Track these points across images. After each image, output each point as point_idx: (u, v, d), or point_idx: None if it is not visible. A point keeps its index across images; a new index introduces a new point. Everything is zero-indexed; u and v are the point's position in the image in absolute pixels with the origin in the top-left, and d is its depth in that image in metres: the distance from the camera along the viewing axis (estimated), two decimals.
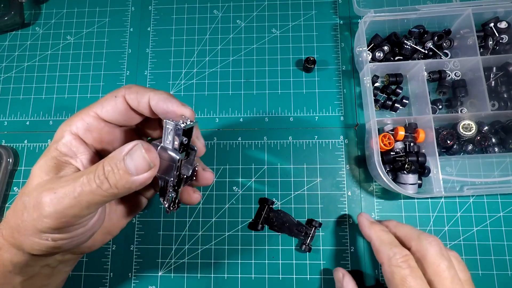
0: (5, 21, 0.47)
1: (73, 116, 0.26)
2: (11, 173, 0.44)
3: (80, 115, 0.26)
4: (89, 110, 0.26)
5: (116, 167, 0.23)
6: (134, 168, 0.23)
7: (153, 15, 0.49)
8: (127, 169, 0.23)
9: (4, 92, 0.47)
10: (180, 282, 0.40)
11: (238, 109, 0.45)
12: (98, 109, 0.26)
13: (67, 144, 0.25)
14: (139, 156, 0.23)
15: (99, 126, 0.26)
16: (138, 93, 0.26)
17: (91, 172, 0.23)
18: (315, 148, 0.43)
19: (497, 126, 0.41)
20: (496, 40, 0.42)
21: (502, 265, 0.39)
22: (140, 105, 0.26)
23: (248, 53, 0.47)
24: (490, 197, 0.41)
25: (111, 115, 0.26)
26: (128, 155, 0.23)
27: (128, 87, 0.26)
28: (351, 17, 0.47)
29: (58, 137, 0.26)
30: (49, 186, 0.23)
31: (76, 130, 0.26)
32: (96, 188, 0.22)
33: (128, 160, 0.23)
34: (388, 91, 0.44)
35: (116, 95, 0.26)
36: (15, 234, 0.24)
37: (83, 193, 0.22)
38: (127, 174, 0.23)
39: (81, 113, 0.26)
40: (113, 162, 0.23)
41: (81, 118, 0.26)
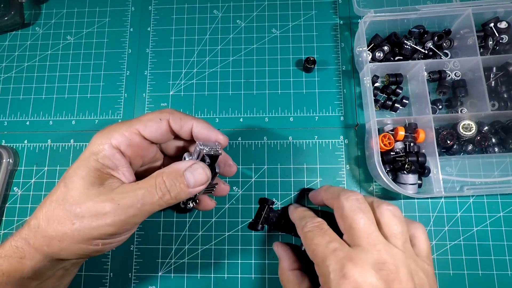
0: (5, 21, 0.47)
1: (111, 130, 0.28)
2: (11, 173, 0.44)
3: (120, 130, 0.28)
4: (131, 126, 0.28)
5: (177, 181, 0.26)
6: (193, 182, 0.27)
7: (153, 15, 0.49)
8: (187, 182, 0.27)
9: (4, 92, 0.47)
10: (180, 282, 0.40)
11: (238, 109, 0.45)
12: (141, 128, 0.29)
13: (110, 157, 0.28)
14: (201, 173, 0.28)
15: (139, 142, 0.29)
16: (182, 120, 0.30)
17: (151, 186, 0.26)
18: (315, 148, 0.43)
19: (497, 126, 0.41)
20: (496, 40, 0.42)
21: (502, 265, 0.39)
22: (182, 130, 0.30)
23: (248, 53, 0.47)
24: (490, 197, 0.41)
25: (153, 135, 0.29)
26: (188, 171, 0.27)
27: (172, 112, 0.30)
28: (351, 17, 0.47)
29: (97, 149, 0.28)
30: (108, 197, 0.25)
31: (117, 144, 0.28)
32: (158, 199, 0.26)
33: (188, 175, 0.27)
34: (388, 91, 0.44)
35: (161, 117, 0.29)
36: (53, 242, 0.25)
37: (145, 204, 0.26)
38: (186, 186, 0.27)
39: (121, 128, 0.28)
40: (173, 176, 0.27)
41: (122, 133, 0.28)
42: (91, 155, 0.27)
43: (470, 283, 0.38)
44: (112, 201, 0.25)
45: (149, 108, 0.45)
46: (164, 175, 0.26)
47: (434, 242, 0.40)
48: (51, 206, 0.26)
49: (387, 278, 0.23)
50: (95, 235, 0.25)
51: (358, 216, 0.26)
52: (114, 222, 0.25)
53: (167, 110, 0.30)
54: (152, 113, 0.30)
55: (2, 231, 0.42)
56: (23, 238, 0.26)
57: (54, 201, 0.26)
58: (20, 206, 0.43)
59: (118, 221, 0.25)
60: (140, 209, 0.26)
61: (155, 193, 0.26)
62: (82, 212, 0.25)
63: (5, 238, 0.42)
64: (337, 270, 0.24)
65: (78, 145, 0.45)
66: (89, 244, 0.26)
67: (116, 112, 0.46)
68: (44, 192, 0.43)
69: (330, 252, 0.25)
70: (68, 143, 0.45)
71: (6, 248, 0.26)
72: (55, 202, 0.26)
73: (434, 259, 0.39)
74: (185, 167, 0.27)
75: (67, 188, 0.26)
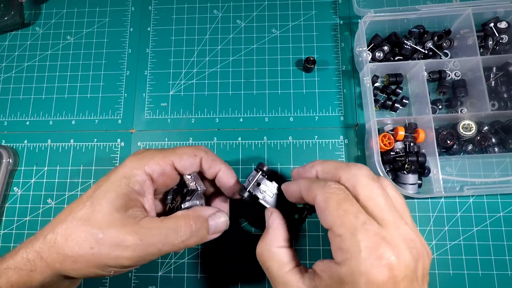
0: (5, 21, 0.47)
1: (146, 156, 0.29)
2: (11, 173, 0.44)
3: (156, 158, 0.29)
4: (166, 157, 0.29)
5: (202, 227, 0.27)
6: (213, 229, 0.28)
7: (153, 15, 0.49)
8: (208, 229, 0.28)
9: (4, 92, 0.47)
10: (180, 282, 0.40)
11: (238, 109, 0.45)
12: (176, 160, 0.30)
13: (141, 183, 0.28)
14: (223, 222, 0.29)
15: (170, 173, 0.30)
16: (214, 162, 0.31)
17: (178, 227, 0.26)
18: (315, 148, 0.43)
19: (497, 126, 0.41)
20: (496, 40, 0.42)
21: (502, 265, 0.39)
22: (210, 170, 0.31)
23: (248, 53, 0.47)
24: (490, 197, 0.41)
25: (185, 169, 0.30)
26: (211, 219, 0.28)
27: (206, 151, 0.31)
28: (351, 17, 0.47)
29: (130, 173, 0.28)
30: (132, 229, 0.25)
31: (150, 171, 0.28)
32: (180, 242, 0.26)
33: (212, 222, 0.28)
34: (388, 91, 0.44)
35: (196, 154, 0.30)
36: (67, 261, 0.25)
37: (167, 244, 0.26)
38: (207, 233, 0.28)
39: (157, 156, 0.29)
40: (199, 222, 0.27)
41: (157, 162, 0.29)
42: (122, 178, 0.27)
43: (470, 283, 0.38)
44: (136, 235, 0.25)
45: (149, 108, 0.45)
46: (191, 219, 0.27)
47: (434, 242, 0.40)
48: (73, 223, 0.25)
49: (417, 257, 0.21)
50: (111, 264, 0.25)
51: (379, 191, 0.23)
52: (132, 257, 0.25)
53: (202, 148, 0.31)
54: (188, 148, 0.31)
55: (2, 231, 0.42)
56: (36, 250, 0.25)
57: (76, 219, 0.26)
58: (20, 206, 0.43)
59: (136, 257, 0.25)
60: (160, 249, 0.26)
61: (178, 236, 0.26)
62: (104, 238, 0.25)
63: (5, 238, 0.42)
64: (370, 249, 0.20)
65: (78, 145, 0.45)
66: (101, 270, 0.26)
67: (116, 112, 0.46)
68: (44, 192, 0.43)
69: (361, 224, 0.21)
70: (68, 143, 0.45)
71: (17, 260, 0.25)
72: (77, 220, 0.26)
73: (434, 259, 0.39)
74: (208, 213, 0.28)
75: (93, 210, 0.26)
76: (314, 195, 0.24)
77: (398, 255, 0.20)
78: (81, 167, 0.44)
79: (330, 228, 0.23)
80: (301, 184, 0.27)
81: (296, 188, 0.27)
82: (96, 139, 0.45)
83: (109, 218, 0.25)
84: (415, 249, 0.21)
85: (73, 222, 0.25)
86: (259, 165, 0.32)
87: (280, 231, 0.28)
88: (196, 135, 0.44)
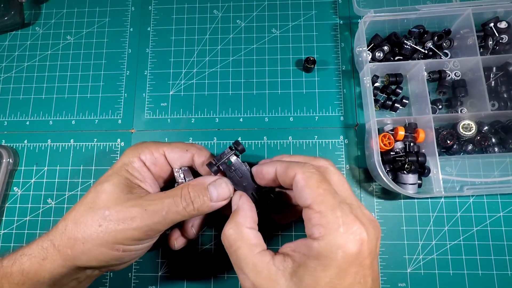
0: (5, 21, 0.47)
1: (142, 146, 0.32)
2: (11, 173, 0.44)
3: (149, 148, 0.31)
4: (159, 147, 0.31)
5: (201, 194, 0.28)
6: (216, 196, 0.28)
7: (153, 15, 0.49)
8: (210, 196, 0.28)
9: (4, 92, 0.47)
10: (180, 282, 0.40)
11: (238, 109, 0.45)
12: (167, 151, 0.32)
13: (138, 169, 0.31)
14: (224, 188, 0.29)
15: (162, 163, 0.32)
16: (207, 159, 0.32)
17: (177, 196, 0.28)
18: (315, 148, 0.43)
19: (497, 126, 0.41)
20: (496, 40, 0.42)
21: (502, 265, 0.39)
22: (203, 167, 0.32)
23: (248, 53, 0.47)
24: (490, 197, 0.41)
25: (175, 160, 0.32)
26: (212, 185, 0.29)
27: (200, 149, 0.33)
28: (351, 17, 0.47)
29: (128, 160, 0.30)
30: (136, 203, 0.27)
31: (144, 159, 0.31)
32: (182, 209, 0.27)
33: (212, 189, 0.29)
34: (388, 91, 0.44)
35: (188, 149, 0.32)
36: (77, 244, 0.26)
37: (170, 212, 0.27)
38: (209, 200, 0.28)
39: (151, 147, 0.31)
40: (197, 189, 0.28)
41: (151, 151, 0.31)
42: (123, 166, 0.30)
43: (470, 283, 0.38)
44: (140, 206, 0.27)
45: (149, 108, 0.45)
46: (189, 187, 0.28)
47: (434, 242, 0.40)
48: (80, 209, 0.27)
49: (377, 236, 0.24)
50: (119, 238, 0.26)
51: (345, 179, 0.28)
52: (139, 227, 0.26)
53: (196, 146, 0.33)
54: (182, 143, 0.33)
55: (2, 231, 0.42)
56: (49, 239, 0.27)
57: (83, 204, 0.28)
58: (20, 206, 0.43)
59: (143, 226, 0.26)
60: (164, 217, 0.27)
61: (179, 203, 0.27)
62: (110, 214, 0.26)
63: (5, 238, 0.42)
64: (347, 225, 0.22)
65: (78, 145, 0.45)
66: (110, 249, 0.26)
67: (116, 112, 0.46)
68: (44, 192, 0.43)
69: (338, 203, 0.23)
70: (68, 143, 0.45)
71: (33, 248, 0.27)
72: (84, 205, 0.28)
73: (434, 258, 0.39)
74: (209, 181, 0.29)
75: (97, 193, 0.28)
76: (293, 174, 0.25)
77: (367, 233, 0.23)
78: (81, 167, 0.44)
79: (309, 205, 0.24)
80: (277, 164, 0.28)
81: (271, 169, 0.28)
82: (96, 139, 0.45)
83: (113, 197, 0.27)
84: (376, 228, 0.24)
85: (81, 207, 0.27)
86: (235, 143, 0.31)
87: (250, 213, 0.28)
88: (196, 135, 0.44)
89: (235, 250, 0.25)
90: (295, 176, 0.25)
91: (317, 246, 0.22)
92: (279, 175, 0.27)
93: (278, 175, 0.27)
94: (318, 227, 0.23)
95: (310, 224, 0.23)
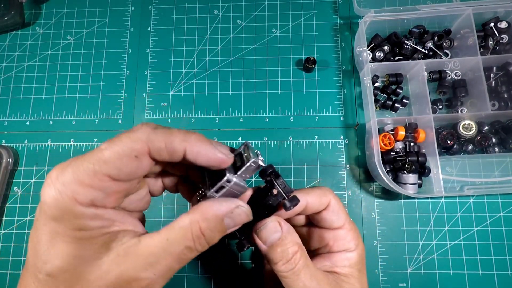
0: (5, 21, 0.47)
1: (67, 182, 0.19)
2: (11, 173, 0.44)
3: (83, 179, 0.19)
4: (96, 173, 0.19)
5: (216, 230, 0.22)
6: (232, 227, 0.23)
7: (153, 15, 0.49)
8: (226, 228, 0.22)
9: (4, 92, 0.47)
10: (180, 282, 0.40)
11: (238, 109, 0.45)
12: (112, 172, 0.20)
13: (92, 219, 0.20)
14: (243, 218, 0.23)
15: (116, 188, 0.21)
16: (168, 141, 0.21)
17: (188, 240, 0.21)
18: (315, 148, 0.43)
19: (497, 126, 0.41)
20: (496, 40, 0.42)
21: (502, 265, 0.39)
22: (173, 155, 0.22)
23: (248, 53, 0.46)
24: (490, 197, 0.41)
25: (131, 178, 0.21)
26: (228, 217, 0.22)
27: (149, 135, 0.20)
28: (351, 17, 0.47)
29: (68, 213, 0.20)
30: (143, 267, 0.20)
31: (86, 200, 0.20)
32: (195, 253, 0.22)
33: (229, 221, 0.22)
34: (388, 91, 0.44)
35: (137, 154, 0.20)
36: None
37: (182, 262, 0.21)
38: (224, 232, 0.22)
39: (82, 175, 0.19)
40: (212, 226, 0.21)
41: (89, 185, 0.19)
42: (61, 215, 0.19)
43: (470, 283, 0.38)
44: (146, 272, 0.20)
45: (149, 108, 0.45)
46: (201, 223, 0.21)
47: (434, 242, 0.40)
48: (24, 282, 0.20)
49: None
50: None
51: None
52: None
53: (140, 136, 0.20)
54: (121, 144, 0.19)
55: (2, 231, 0.42)
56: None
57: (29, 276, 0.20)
58: (20, 206, 0.43)
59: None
60: (173, 269, 0.21)
61: (194, 249, 0.21)
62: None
63: (5, 238, 0.42)
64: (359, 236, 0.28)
65: (78, 145, 0.44)
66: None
67: (116, 112, 0.45)
68: None
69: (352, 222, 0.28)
70: (68, 143, 0.45)
71: None
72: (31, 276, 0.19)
73: (435, 258, 0.39)
74: (224, 211, 0.22)
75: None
76: (328, 201, 0.27)
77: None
78: None
79: (341, 225, 0.27)
80: (308, 197, 0.26)
81: (303, 202, 0.26)
82: (96, 139, 0.45)
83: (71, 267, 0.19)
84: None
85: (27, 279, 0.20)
86: (269, 167, 0.25)
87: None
88: None
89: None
90: (330, 202, 0.27)
91: (359, 253, 0.27)
92: (311, 205, 0.26)
93: (310, 206, 0.26)
94: (355, 240, 0.27)
95: (345, 240, 0.27)
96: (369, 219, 0.41)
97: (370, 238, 0.40)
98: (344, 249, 0.27)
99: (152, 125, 0.21)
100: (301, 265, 0.24)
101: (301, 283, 0.24)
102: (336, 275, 0.27)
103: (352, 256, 0.27)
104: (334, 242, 0.27)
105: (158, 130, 0.20)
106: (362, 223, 0.41)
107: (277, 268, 0.24)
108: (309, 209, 0.27)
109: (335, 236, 0.27)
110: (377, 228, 0.40)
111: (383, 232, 0.40)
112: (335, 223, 0.27)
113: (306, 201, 0.26)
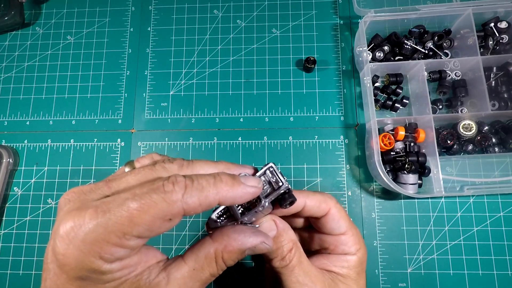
0: (5, 21, 0.47)
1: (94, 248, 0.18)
2: (11, 173, 0.44)
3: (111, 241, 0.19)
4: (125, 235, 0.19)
5: (235, 258, 0.22)
6: (252, 254, 0.23)
7: (153, 15, 0.49)
8: (245, 255, 0.23)
9: (4, 92, 0.47)
10: None
11: (238, 109, 0.45)
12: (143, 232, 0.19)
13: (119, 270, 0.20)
14: (262, 251, 0.23)
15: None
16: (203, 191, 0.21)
17: (213, 269, 0.22)
18: (315, 148, 0.43)
19: (497, 126, 0.41)
20: (496, 40, 0.42)
21: (502, 265, 0.39)
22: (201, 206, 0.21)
23: (248, 53, 0.46)
24: (490, 197, 0.41)
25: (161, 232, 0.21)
26: (250, 250, 0.22)
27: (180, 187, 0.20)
28: (351, 17, 0.47)
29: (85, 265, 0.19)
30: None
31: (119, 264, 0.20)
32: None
33: (249, 252, 0.23)
34: (388, 91, 0.44)
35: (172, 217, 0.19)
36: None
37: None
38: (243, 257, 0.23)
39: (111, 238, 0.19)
40: (234, 257, 0.22)
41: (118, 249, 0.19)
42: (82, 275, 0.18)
43: (470, 283, 0.38)
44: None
45: (149, 108, 0.45)
46: (224, 254, 0.21)
47: (434, 242, 0.40)
48: None
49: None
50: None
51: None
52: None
53: (175, 199, 0.18)
54: (156, 208, 0.18)
55: (2, 231, 0.42)
56: None
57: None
58: (20, 206, 0.43)
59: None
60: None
61: (216, 273, 0.22)
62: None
63: (5, 238, 0.42)
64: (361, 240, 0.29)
65: (78, 145, 0.44)
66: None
67: (116, 112, 0.46)
68: (44, 192, 0.43)
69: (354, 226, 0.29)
70: (68, 143, 0.45)
71: None
72: None
73: (435, 258, 0.39)
74: (248, 247, 0.22)
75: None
76: (328, 208, 0.27)
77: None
78: (81, 167, 0.44)
79: (344, 232, 0.27)
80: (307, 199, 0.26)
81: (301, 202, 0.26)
82: (96, 139, 0.45)
83: None
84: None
85: None
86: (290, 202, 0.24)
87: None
88: (196, 135, 0.44)
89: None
90: (330, 210, 0.27)
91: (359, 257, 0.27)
92: (309, 208, 0.26)
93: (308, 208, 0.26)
94: (356, 245, 0.27)
95: (346, 246, 0.27)
96: (369, 219, 0.41)
97: (370, 238, 0.40)
98: (345, 253, 0.27)
99: (181, 180, 0.19)
100: (295, 261, 0.25)
101: (294, 278, 0.25)
102: (334, 274, 0.27)
103: (351, 259, 0.27)
104: (334, 247, 0.28)
105: (192, 189, 0.19)
106: (362, 223, 0.41)
107: (272, 264, 0.25)
108: (307, 212, 0.26)
109: (336, 241, 0.27)
110: (377, 228, 0.40)
111: (383, 232, 0.40)
112: (336, 230, 0.27)
113: (305, 202, 0.26)
